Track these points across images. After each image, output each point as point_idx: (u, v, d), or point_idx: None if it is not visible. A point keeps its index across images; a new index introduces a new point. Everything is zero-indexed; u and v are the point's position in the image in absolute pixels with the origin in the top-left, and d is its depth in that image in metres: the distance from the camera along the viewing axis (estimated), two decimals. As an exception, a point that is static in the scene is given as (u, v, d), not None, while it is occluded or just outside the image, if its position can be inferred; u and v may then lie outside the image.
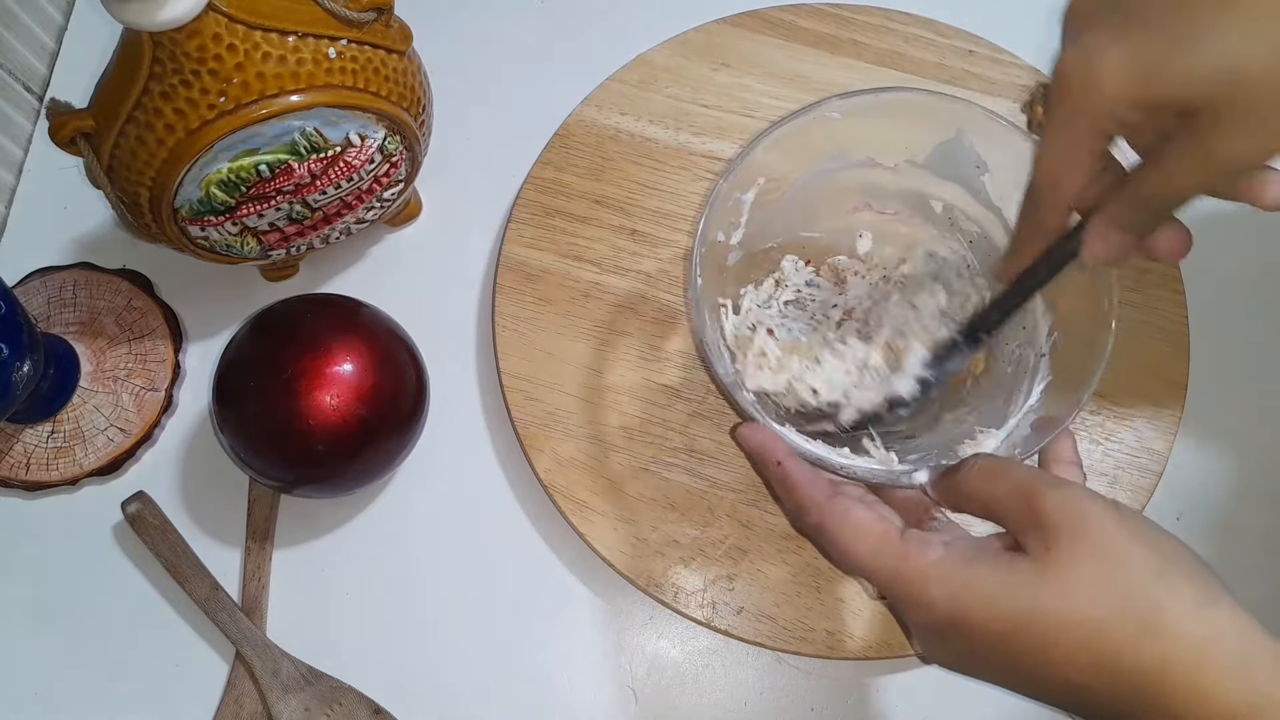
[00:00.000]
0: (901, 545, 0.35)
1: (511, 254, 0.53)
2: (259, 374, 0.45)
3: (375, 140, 0.45)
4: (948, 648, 0.35)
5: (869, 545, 0.35)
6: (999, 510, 0.34)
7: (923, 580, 0.34)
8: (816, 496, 0.38)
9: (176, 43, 0.38)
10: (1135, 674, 0.30)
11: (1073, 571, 0.32)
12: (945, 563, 0.34)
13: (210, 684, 0.48)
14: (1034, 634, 0.32)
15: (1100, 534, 0.32)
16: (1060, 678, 0.32)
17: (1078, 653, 0.31)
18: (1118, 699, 0.31)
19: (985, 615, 0.32)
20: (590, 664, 0.49)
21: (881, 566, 0.35)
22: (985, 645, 0.33)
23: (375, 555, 0.50)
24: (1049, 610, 0.31)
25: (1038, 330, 0.47)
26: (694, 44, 0.57)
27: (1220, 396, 0.52)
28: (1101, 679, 0.31)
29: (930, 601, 0.33)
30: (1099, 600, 0.31)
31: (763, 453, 0.40)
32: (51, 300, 0.53)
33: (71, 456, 0.50)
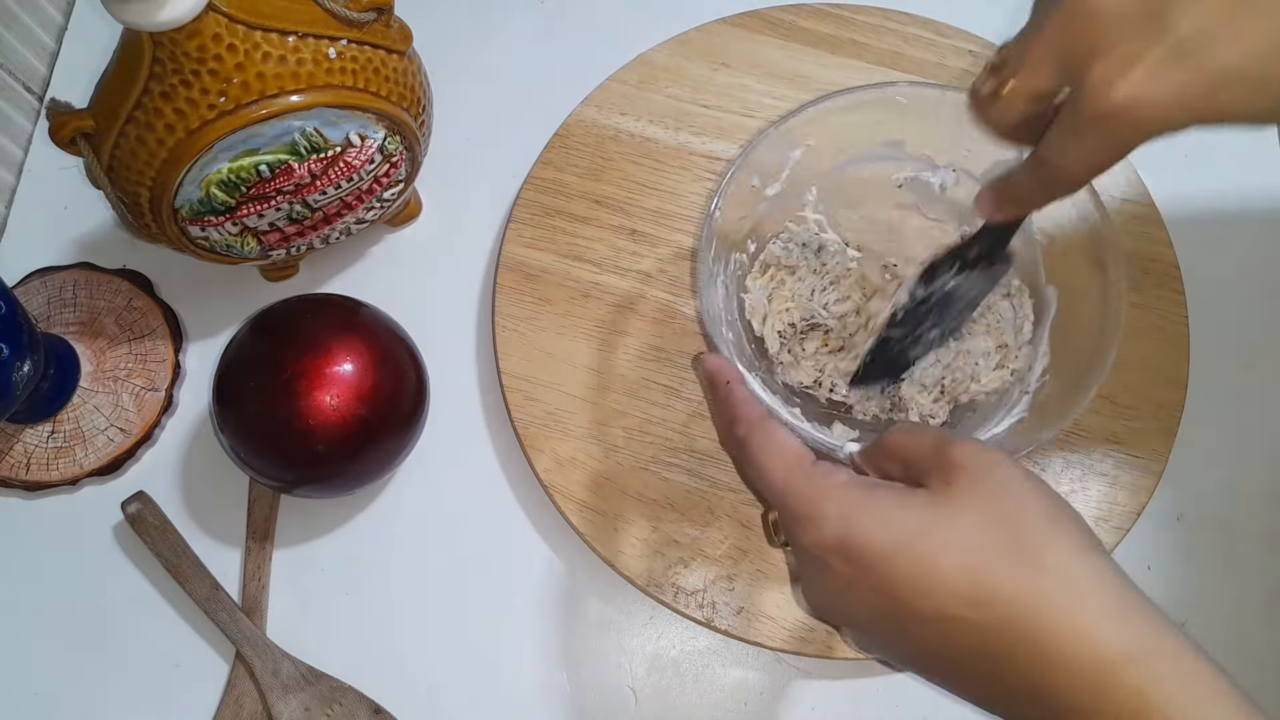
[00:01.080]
0: (811, 466, 0.35)
1: (511, 254, 0.53)
2: (259, 374, 0.45)
3: (375, 140, 0.45)
4: (826, 576, 0.34)
5: (782, 462, 0.35)
6: (914, 461, 0.35)
7: (820, 497, 0.34)
8: (751, 413, 0.38)
9: (176, 43, 0.38)
10: (1010, 605, 0.30)
11: (967, 502, 0.32)
12: (847, 486, 0.34)
13: (210, 684, 0.48)
14: (918, 555, 0.31)
15: (1000, 478, 0.32)
16: (933, 609, 0.31)
17: (957, 577, 0.31)
18: (987, 634, 0.30)
19: (873, 533, 0.32)
20: (590, 664, 0.49)
21: (787, 483, 0.35)
22: (865, 568, 0.32)
23: (375, 555, 0.50)
24: (936, 532, 0.31)
25: (1032, 369, 0.47)
26: (694, 44, 0.57)
27: (1220, 396, 0.52)
28: (975, 609, 0.30)
29: (823, 517, 0.33)
30: (987, 529, 0.31)
31: (717, 373, 0.41)
32: (51, 300, 0.53)
33: (71, 456, 0.50)
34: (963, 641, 0.31)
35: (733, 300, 0.48)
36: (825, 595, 0.34)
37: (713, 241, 0.46)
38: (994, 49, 0.57)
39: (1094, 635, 0.29)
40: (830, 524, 0.33)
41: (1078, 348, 0.45)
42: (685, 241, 0.54)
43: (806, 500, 0.34)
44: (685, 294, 0.53)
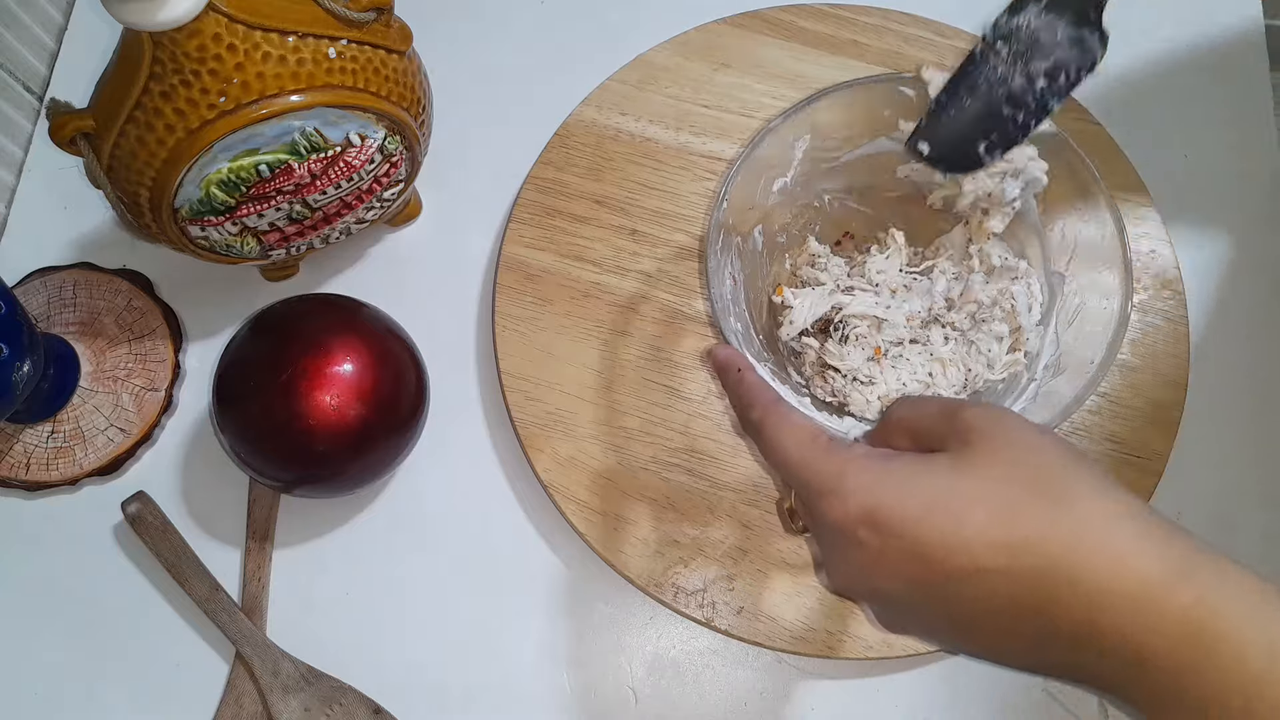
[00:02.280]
0: (828, 444, 0.35)
1: (511, 254, 0.53)
2: (259, 374, 0.45)
3: (375, 140, 0.45)
4: (854, 551, 0.33)
5: (798, 440, 0.35)
6: (923, 429, 0.35)
7: (841, 471, 0.33)
8: (765, 397, 0.38)
9: (176, 43, 0.38)
10: (1045, 548, 0.30)
11: (989, 456, 0.32)
12: (866, 457, 0.34)
13: (210, 684, 0.48)
14: (946, 515, 0.31)
15: (1015, 430, 0.32)
16: (968, 563, 0.31)
17: (988, 529, 0.30)
18: (1026, 582, 0.30)
19: (899, 498, 0.32)
20: (590, 664, 0.49)
21: (805, 459, 0.35)
22: (894, 535, 0.32)
23: (375, 555, 0.50)
24: (964, 489, 0.31)
25: (1040, 356, 0.47)
26: (694, 44, 0.57)
27: (1220, 396, 0.52)
28: (1011, 558, 0.30)
29: (845, 490, 0.33)
30: (1012, 480, 0.31)
31: (727, 362, 0.41)
32: (51, 300, 0.53)
33: (71, 456, 0.50)
34: (1001, 595, 0.31)
35: (740, 291, 0.48)
36: (853, 569, 0.34)
37: (720, 233, 0.46)
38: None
39: (1133, 562, 0.29)
40: (854, 495, 0.33)
41: (1084, 336, 0.45)
42: (686, 241, 0.54)
43: (827, 475, 0.34)
44: (686, 294, 0.53)
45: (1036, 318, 0.49)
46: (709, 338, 0.52)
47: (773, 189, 0.49)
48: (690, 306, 0.52)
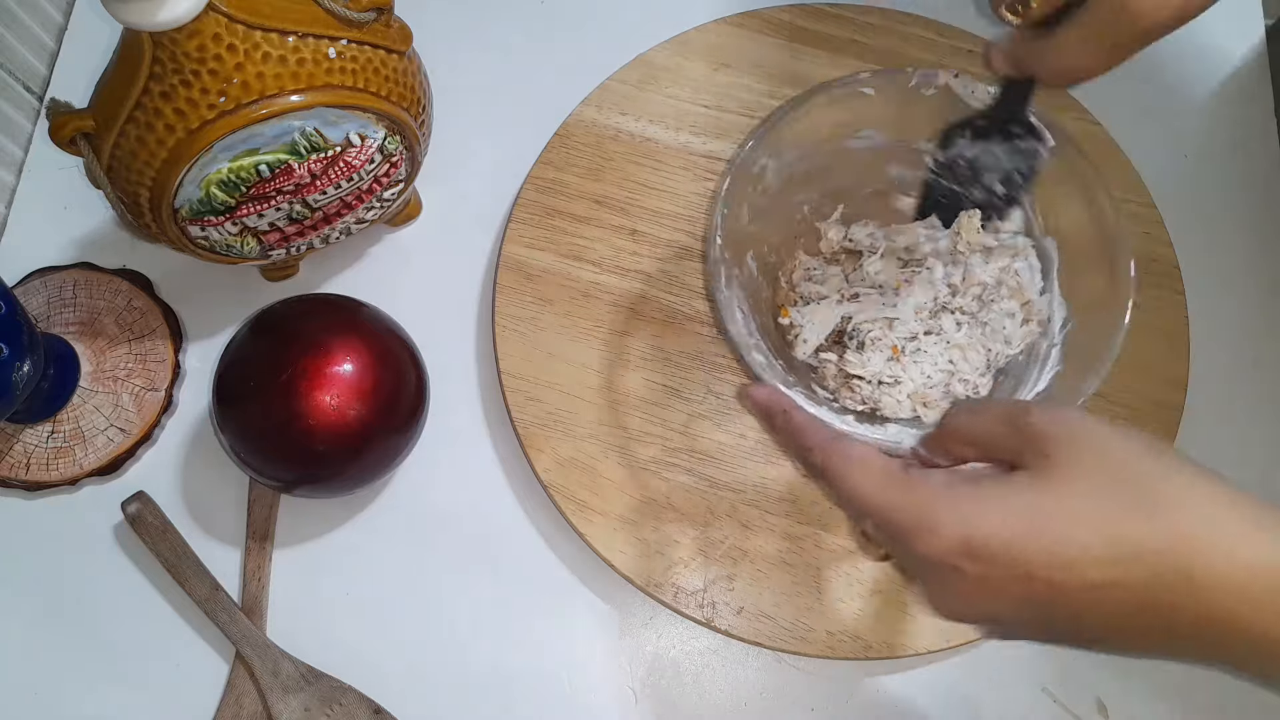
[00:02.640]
0: (904, 476, 0.34)
1: (511, 254, 0.53)
2: (259, 374, 0.45)
3: (375, 140, 0.45)
4: (957, 580, 0.33)
5: (872, 478, 0.34)
6: (989, 439, 0.34)
7: (929, 505, 0.33)
8: (821, 437, 0.37)
9: (176, 43, 0.38)
10: (1155, 553, 0.30)
11: (1074, 469, 0.31)
12: (949, 486, 0.33)
13: (210, 684, 0.48)
14: (1047, 534, 0.31)
15: (1092, 435, 0.32)
16: (1077, 578, 0.30)
17: (1093, 543, 0.30)
18: (1141, 590, 0.30)
19: (995, 524, 0.31)
20: (590, 664, 0.49)
21: (886, 500, 0.34)
22: (997, 562, 0.31)
23: (375, 555, 0.50)
24: (1058, 507, 0.31)
25: (1053, 320, 0.47)
26: (694, 44, 0.57)
27: (1220, 396, 0.52)
28: (1121, 568, 0.30)
29: (937, 525, 0.32)
30: (1105, 488, 0.31)
31: (770, 404, 0.40)
32: (51, 300, 0.53)
33: (71, 456, 0.50)
34: (1118, 604, 0.30)
35: (750, 321, 0.48)
36: (959, 599, 0.33)
37: (720, 269, 0.45)
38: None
39: (1246, 551, 0.29)
40: (946, 528, 0.32)
41: (1091, 291, 0.45)
42: (686, 241, 0.54)
43: (913, 511, 0.33)
44: (685, 294, 0.53)
45: (1039, 285, 0.49)
46: (709, 338, 0.52)
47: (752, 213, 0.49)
48: (690, 306, 0.52)
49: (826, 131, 0.49)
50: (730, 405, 0.51)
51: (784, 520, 0.49)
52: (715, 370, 0.51)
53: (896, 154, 0.50)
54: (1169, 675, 0.48)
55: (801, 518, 0.49)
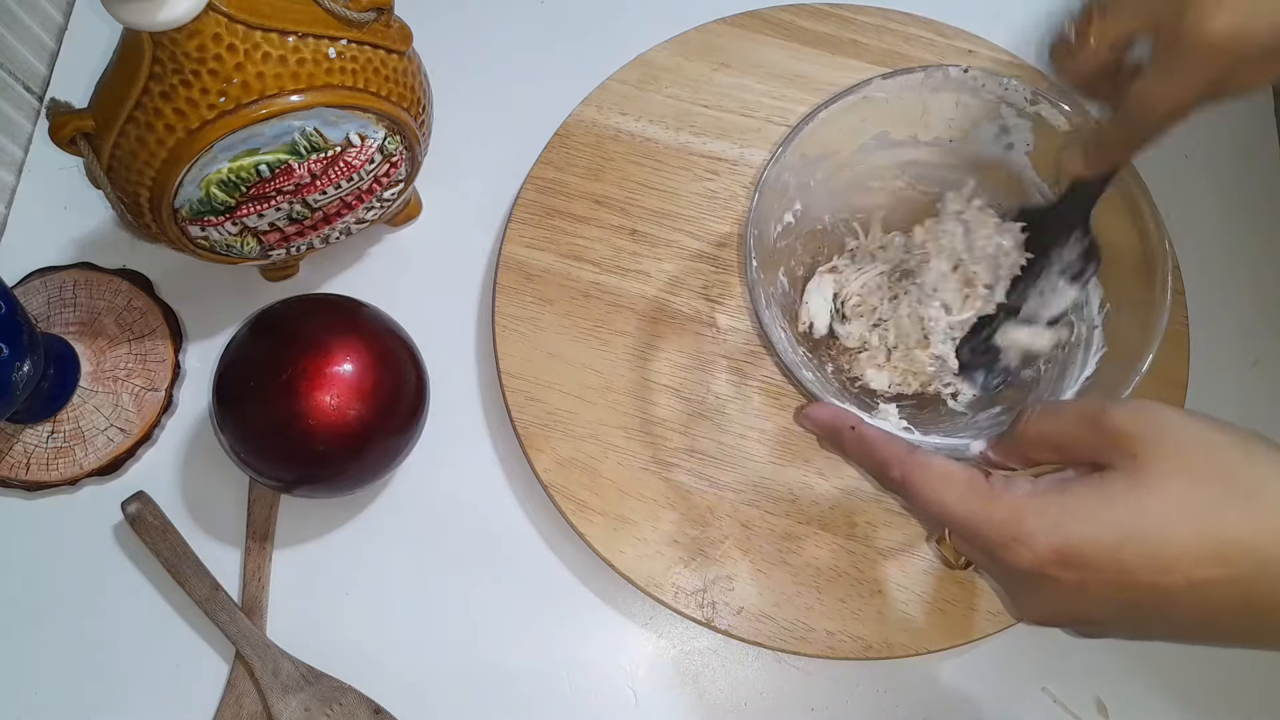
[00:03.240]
0: (989, 487, 0.34)
1: (511, 254, 0.53)
2: (259, 374, 0.45)
3: (375, 140, 0.45)
4: (1054, 588, 0.32)
5: (957, 491, 0.34)
6: (1069, 442, 0.34)
7: (1018, 515, 0.32)
8: (898, 452, 0.37)
9: (176, 43, 0.38)
10: (1256, 549, 0.29)
11: (1166, 466, 0.31)
12: (1037, 494, 0.33)
13: (210, 684, 0.48)
14: (1146, 536, 0.30)
15: (1179, 429, 0.31)
16: (1180, 579, 0.30)
17: (1193, 544, 0.30)
18: (1244, 586, 0.30)
19: (1091, 532, 0.31)
20: (590, 664, 0.49)
21: (972, 510, 0.34)
22: (1095, 569, 0.31)
23: (375, 555, 0.50)
24: (1154, 508, 0.31)
25: (1090, 302, 0.47)
26: (694, 44, 0.57)
27: (1220, 396, 0.52)
28: (1224, 566, 0.30)
29: (1030, 534, 0.32)
30: (1198, 486, 0.30)
31: (835, 423, 0.40)
32: (51, 300, 0.53)
33: (71, 456, 0.50)
34: (1222, 601, 0.30)
35: (792, 338, 0.48)
36: (1056, 605, 0.33)
37: (760, 293, 0.45)
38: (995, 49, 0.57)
39: None
40: (1039, 539, 0.32)
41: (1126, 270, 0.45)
42: (686, 241, 0.54)
43: (1002, 523, 0.33)
44: (686, 294, 0.53)
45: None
46: (709, 338, 0.52)
47: (781, 231, 0.50)
48: (690, 306, 0.52)
49: (842, 139, 0.49)
50: (730, 405, 0.51)
51: (784, 520, 0.49)
52: (715, 370, 0.51)
53: (913, 153, 0.50)
54: (1169, 675, 0.48)
55: (801, 518, 0.49)
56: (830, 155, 0.49)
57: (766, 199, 0.46)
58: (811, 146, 0.47)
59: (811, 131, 0.46)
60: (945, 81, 0.46)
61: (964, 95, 0.47)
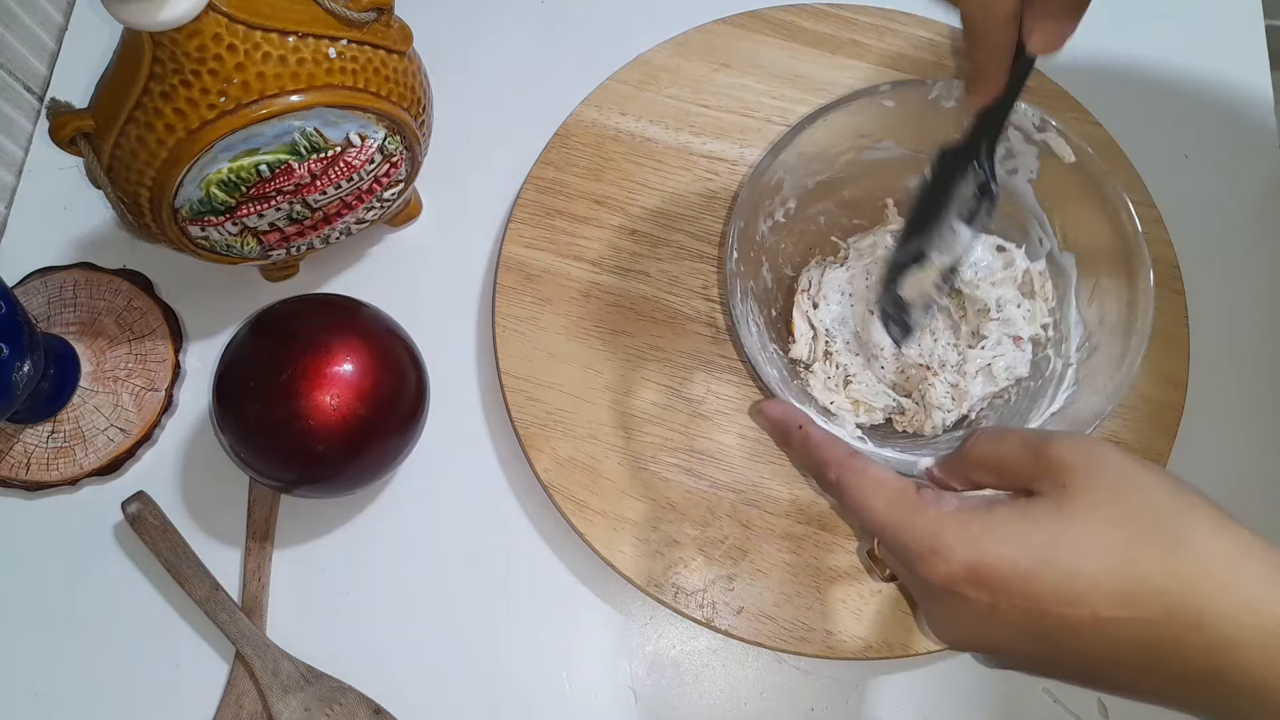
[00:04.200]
0: (917, 498, 0.34)
1: (511, 254, 0.53)
2: (259, 374, 0.45)
3: (375, 140, 0.45)
4: (963, 607, 0.32)
5: (885, 498, 0.34)
6: (1009, 467, 0.34)
7: (940, 528, 0.32)
8: (838, 454, 0.37)
9: (176, 43, 0.38)
10: (1167, 594, 0.29)
11: (1092, 499, 0.31)
12: (962, 511, 0.33)
13: (210, 684, 0.48)
14: (1059, 566, 0.30)
15: (1114, 467, 0.31)
16: (1087, 614, 0.30)
17: (1105, 580, 0.30)
18: (1149, 629, 0.29)
19: (1005, 553, 0.31)
20: (590, 664, 0.49)
21: (897, 519, 0.34)
22: (1005, 591, 0.31)
23: (375, 555, 0.50)
24: (1072, 540, 0.30)
25: (1069, 340, 0.47)
26: (694, 44, 0.57)
27: (1220, 396, 0.52)
28: (1131, 606, 0.29)
29: (947, 549, 0.32)
30: (1122, 523, 0.30)
31: (785, 420, 0.40)
32: (51, 300, 0.53)
33: (71, 456, 0.50)
34: (1125, 642, 0.30)
35: (765, 335, 0.48)
36: (962, 625, 0.33)
37: (735, 286, 0.45)
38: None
39: (1262, 605, 0.28)
40: (956, 554, 0.32)
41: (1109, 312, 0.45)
42: (686, 241, 0.54)
43: (922, 535, 0.33)
44: (685, 294, 0.53)
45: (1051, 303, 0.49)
46: (709, 338, 0.52)
47: (770, 225, 0.50)
48: (690, 306, 0.52)
49: (845, 143, 0.49)
50: (730, 405, 0.51)
51: (784, 520, 0.49)
52: (715, 370, 0.51)
53: (915, 165, 0.49)
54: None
55: (801, 518, 0.49)
56: (830, 157, 0.49)
57: (754, 192, 0.46)
58: (811, 145, 0.47)
59: (813, 131, 0.46)
60: (955, 96, 0.46)
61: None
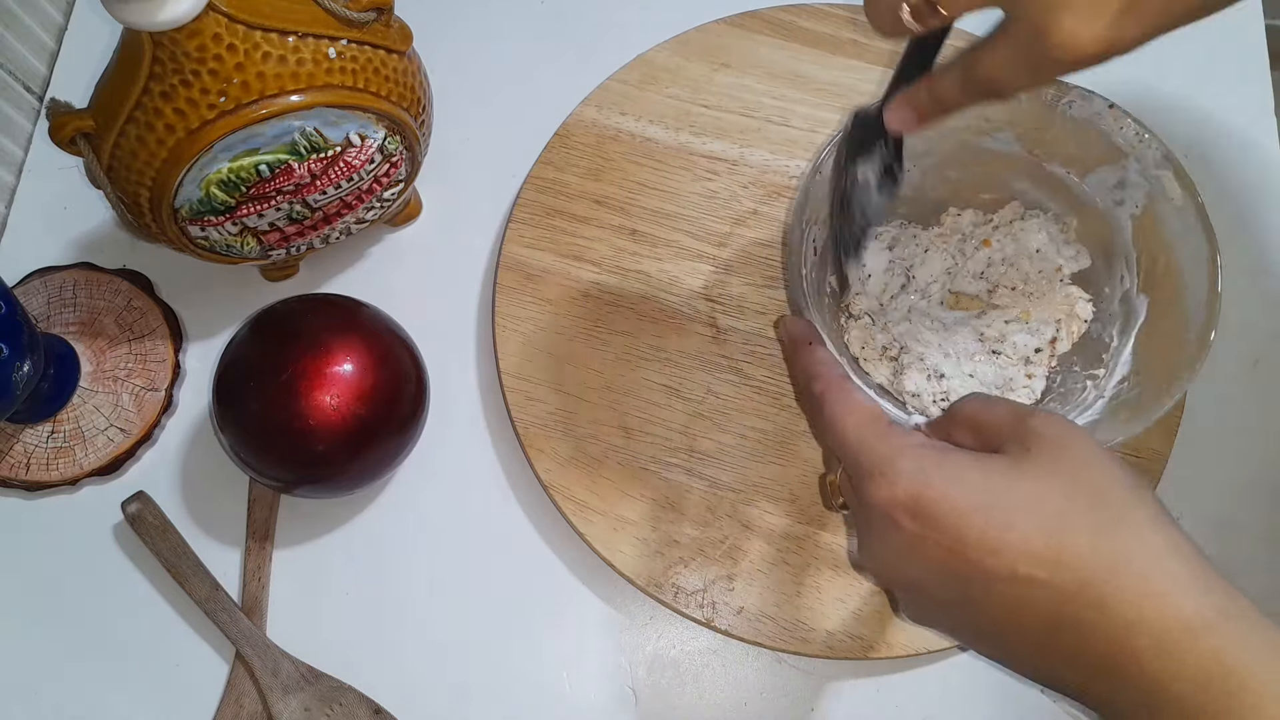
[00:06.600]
0: (887, 427, 0.35)
1: (511, 254, 0.53)
2: (259, 374, 0.45)
3: (375, 140, 0.45)
4: (893, 534, 0.33)
5: (857, 419, 0.36)
6: (990, 429, 0.35)
7: (894, 454, 0.33)
8: (829, 373, 0.38)
9: (176, 43, 0.38)
10: (1088, 568, 0.30)
11: (1048, 468, 0.32)
12: (923, 445, 0.34)
13: (210, 684, 0.48)
14: (994, 514, 0.31)
15: (1078, 446, 0.32)
16: (1006, 567, 0.30)
17: (1033, 536, 0.30)
18: (1061, 597, 0.30)
19: (948, 490, 0.32)
20: (590, 664, 0.49)
21: (861, 438, 0.35)
22: (937, 525, 0.32)
23: (375, 555, 0.50)
24: (1016, 495, 0.31)
25: (1111, 375, 0.47)
26: (694, 44, 0.57)
27: (1220, 396, 0.52)
28: (1051, 570, 0.30)
29: (895, 473, 0.33)
30: (1068, 493, 0.31)
31: (799, 335, 0.41)
32: (51, 300, 0.53)
33: (71, 456, 0.50)
34: (1033, 604, 0.30)
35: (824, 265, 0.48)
36: (889, 553, 0.34)
37: (806, 205, 0.44)
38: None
39: (1172, 600, 0.29)
40: (903, 480, 0.33)
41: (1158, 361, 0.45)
42: (686, 241, 0.54)
43: (879, 456, 0.34)
44: (686, 294, 0.53)
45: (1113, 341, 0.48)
46: (709, 338, 0.52)
47: None
48: (690, 306, 0.52)
49: (966, 120, 0.47)
50: (730, 405, 0.51)
51: (784, 520, 0.49)
52: (715, 370, 0.51)
53: (1026, 168, 0.49)
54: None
55: (801, 518, 0.49)
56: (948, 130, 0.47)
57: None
58: None
59: None
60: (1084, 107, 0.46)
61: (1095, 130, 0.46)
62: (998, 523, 0.31)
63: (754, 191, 0.55)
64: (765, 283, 0.53)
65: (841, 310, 0.50)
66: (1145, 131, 0.45)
